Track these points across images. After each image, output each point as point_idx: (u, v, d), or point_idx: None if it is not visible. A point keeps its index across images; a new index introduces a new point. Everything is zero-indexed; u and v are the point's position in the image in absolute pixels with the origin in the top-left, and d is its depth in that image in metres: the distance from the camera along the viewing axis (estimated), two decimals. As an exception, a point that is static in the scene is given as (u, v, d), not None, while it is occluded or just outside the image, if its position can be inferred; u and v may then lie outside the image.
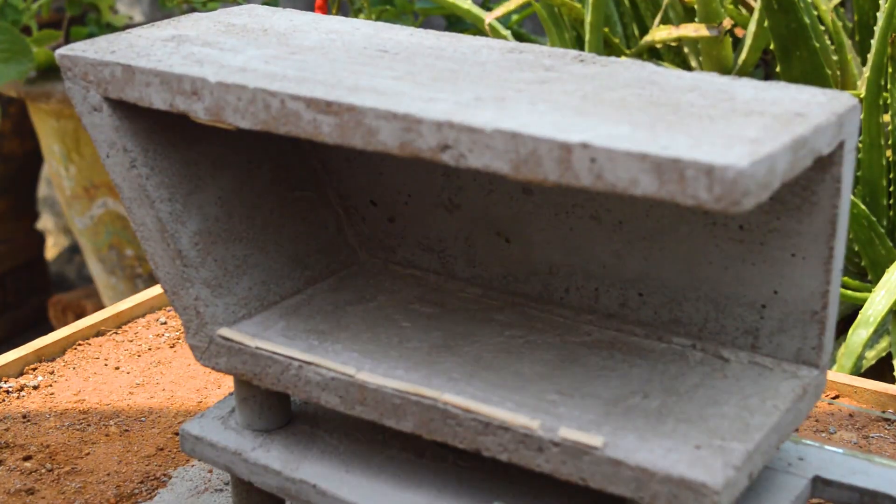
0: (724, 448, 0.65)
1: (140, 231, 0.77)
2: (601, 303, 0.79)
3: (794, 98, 0.65)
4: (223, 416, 0.82)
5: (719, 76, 0.68)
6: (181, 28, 0.79)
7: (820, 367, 0.72)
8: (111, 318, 1.14)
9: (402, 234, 0.86)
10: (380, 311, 0.81)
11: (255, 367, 0.76)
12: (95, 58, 0.74)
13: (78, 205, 2.02)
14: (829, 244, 0.69)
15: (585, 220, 0.77)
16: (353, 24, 0.80)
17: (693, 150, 0.57)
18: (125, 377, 1.06)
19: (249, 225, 0.81)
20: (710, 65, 1.42)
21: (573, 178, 0.59)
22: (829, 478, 0.74)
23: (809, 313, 0.71)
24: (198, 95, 0.70)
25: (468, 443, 0.70)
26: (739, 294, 0.73)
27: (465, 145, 0.62)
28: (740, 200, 0.56)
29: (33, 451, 0.94)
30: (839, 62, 1.31)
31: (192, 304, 0.77)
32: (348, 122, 0.65)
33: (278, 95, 0.67)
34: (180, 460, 0.93)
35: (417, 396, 0.71)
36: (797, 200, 0.68)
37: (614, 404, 0.70)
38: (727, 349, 0.75)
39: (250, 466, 0.79)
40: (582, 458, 0.66)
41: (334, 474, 0.76)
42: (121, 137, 0.75)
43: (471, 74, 0.69)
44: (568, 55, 0.72)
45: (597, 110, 0.63)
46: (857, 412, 0.96)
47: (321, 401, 0.75)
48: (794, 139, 0.59)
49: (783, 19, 1.22)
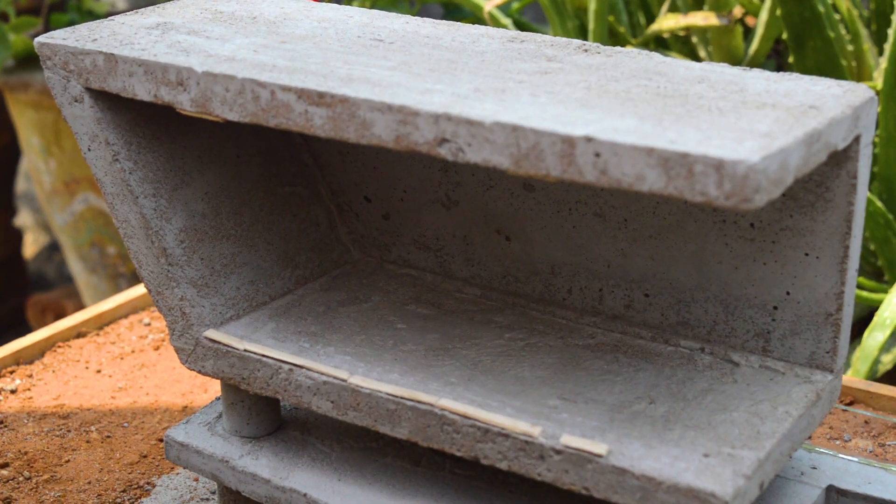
0: (733, 456, 0.65)
1: (123, 228, 0.78)
2: (605, 304, 0.79)
3: (808, 90, 0.65)
4: (210, 422, 0.82)
5: (729, 67, 0.68)
6: (166, 15, 0.79)
7: (834, 371, 0.72)
8: (92, 319, 1.14)
9: (398, 232, 0.86)
10: (374, 312, 0.81)
11: (243, 371, 0.77)
12: (76, 46, 0.74)
13: (58, 200, 2.03)
14: (844, 243, 0.69)
15: (589, 218, 0.77)
16: (346, 11, 0.81)
17: (702, 145, 0.57)
18: (107, 381, 1.06)
19: (238, 222, 0.81)
20: (719, 55, 1.42)
21: (576, 173, 0.59)
22: (843, 487, 0.74)
23: (823, 315, 0.71)
24: (183, 86, 0.70)
25: (466, 450, 0.69)
26: (750, 295, 0.73)
27: (463, 139, 0.62)
28: (751, 197, 0.56)
29: (10, 459, 0.94)
30: (855, 52, 1.31)
31: (177, 305, 0.78)
32: (341, 115, 0.65)
33: (268, 86, 0.67)
34: (165, 468, 0.93)
35: (413, 402, 0.71)
36: (811, 197, 0.68)
37: (619, 410, 0.70)
38: (737, 353, 0.75)
39: (238, 474, 0.79)
40: (585, 466, 0.66)
41: (326, 483, 0.76)
42: (103, 130, 0.75)
43: (469, 65, 0.69)
44: (571, 45, 0.73)
45: (601, 102, 0.63)
46: (873, 419, 0.96)
47: (312, 406, 0.75)
48: (808, 133, 0.59)
49: (796, 8, 1.22)
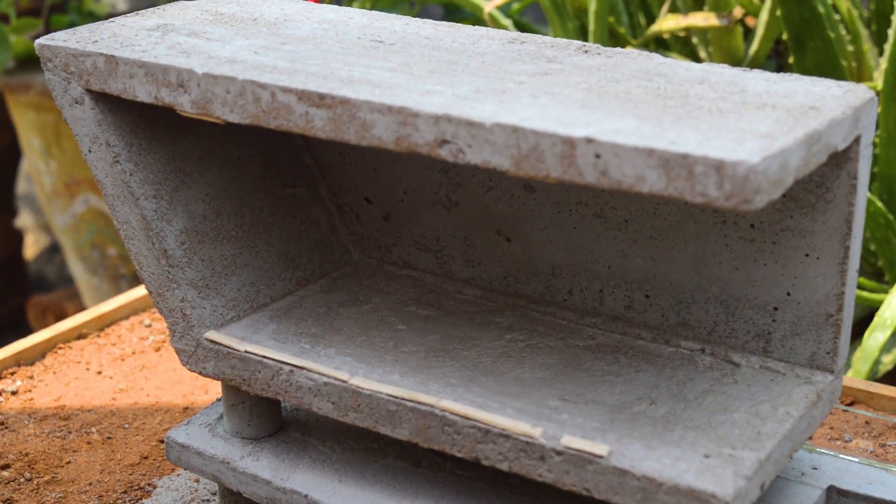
0: (734, 457, 0.65)
1: (124, 229, 0.78)
2: (606, 305, 0.79)
3: (808, 91, 0.64)
4: (210, 424, 0.82)
5: (729, 68, 0.68)
6: (167, 17, 0.79)
7: (835, 372, 0.72)
8: (93, 321, 1.14)
9: (398, 233, 0.86)
10: (374, 313, 0.81)
11: (243, 372, 0.76)
12: (77, 48, 0.74)
13: (58, 202, 2.03)
14: (845, 244, 0.68)
15: (589, 219, 0.77)
16: (346, 13, 0.80)
17: (702, 146, 0.57)
18: (108, 382, 1.06)
19: (238, 223, 0.81)
20: (719, 56, 1.42)
21: (577, 174, 0.59)
22: (844, 488, 0.74)
23: (824, 316, 0.71)
24: (184, 88, 0.70)
25: (467, 451, 0.69)
26: (750, 295, 0.73)
27: (463, 140, 0.62)
28: (752, 198, 0.56)
29: (11, 460, 0.94)
30: (855, 53, 1.30)
31: (177, 306, 0.78)
32: (342, 116, 0.65)
33: (269, 88, 0.67)
34: (165, 469, 0.92)
35: (414, 403, 0.70)
36: (811, 198, 0.68)
37: (619, 411, 0.69)
38: (738, 353, 0.74)
39: (239, 476, 0.79)
40: (586, 467, 0.65)
41: (327, 484, 0.76)
42: (103, 131, 0.75)
43: (469, 66, 0.69)
44: (571, 46, 0.72)
45: (601, 103, 0.63)
46: (874, 419, 0.96)
47: (313, 407, 0.74)
48: (808, 134, 0.59)
49: (796, 8, 1.22)
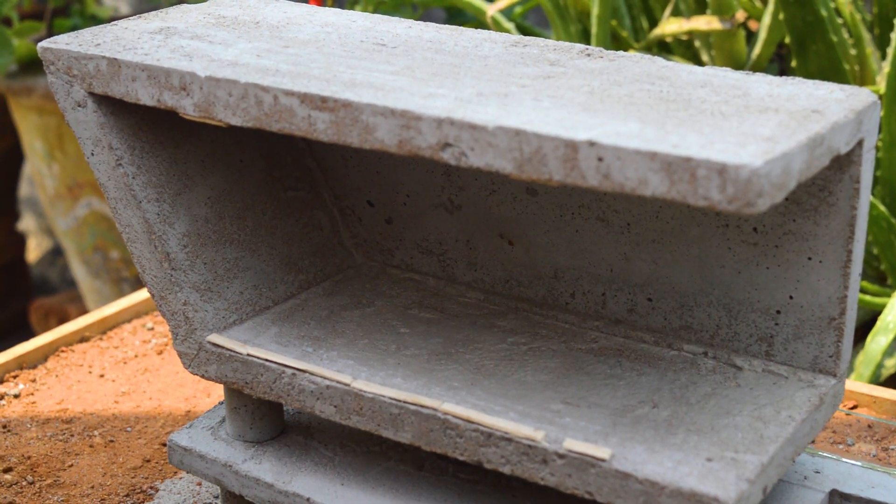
0: (736, 460, 0.64)
1: (126, 232, 0.77)
2: (608, 308, 0.79)
3: (811, 94, 0.64)
4: (213, 427, 0.82)
5: (732, 71, 0.68)
6: (169, 20, 0.79)
7: (837, 375, 0.72)
8: (96, 324, 1.14)
9: (401, 236, 0.86)
10: (377, 316, 0.81)
11: (246, 375, 0.76)
12: (79, 51, 0.73)
13: (61, 205, 2.03)
14: (847, 247, 0.68)
15: (592, 222, 0.77)
16: (349, 16, 0.80)
17: (705, 149, 0.57)
18: (110, 385, 1.06)
19: (240, 226, 0.81)
20: (722, 59, 1.42)
21: (579, 177, 0.59)
22: (846, 492, 0.73)
23: (826, 319, 0.71)
24: (186, 91, 0.70)
25: (469, 454, 0.69)
26: (753, 299, 0.73)
27: (466, 143, 0.62)
28: (754, 201, 0.55)
29: (14, 463, 0.93)
30: (858, 57, 1.30)
31: (180, 309, 0.77)
32: (344, 119, 0.65)
33: (271, 91, 0.67)
34: (168, 472, 0.92)
35: (416, 406, 0.70)
36: (814, 201, 0.68)
37: (622, 414, 0.69)
38: (740, 357, 0.74)
39: (241, 479, 0.78)
40: (588, 470, 0.65)
41: (329, 487, 0.76)
42: (106, 134, 0.75)
43: (472, 69, 0.69)
44: (574, 49, 0.72)
45: (604, 107, 0.63)
46: (876, 423, 0.96)
47: (315, 410, 0.74)
48: (811, 137, 0.59)
49: (799, 12, 1.22)
